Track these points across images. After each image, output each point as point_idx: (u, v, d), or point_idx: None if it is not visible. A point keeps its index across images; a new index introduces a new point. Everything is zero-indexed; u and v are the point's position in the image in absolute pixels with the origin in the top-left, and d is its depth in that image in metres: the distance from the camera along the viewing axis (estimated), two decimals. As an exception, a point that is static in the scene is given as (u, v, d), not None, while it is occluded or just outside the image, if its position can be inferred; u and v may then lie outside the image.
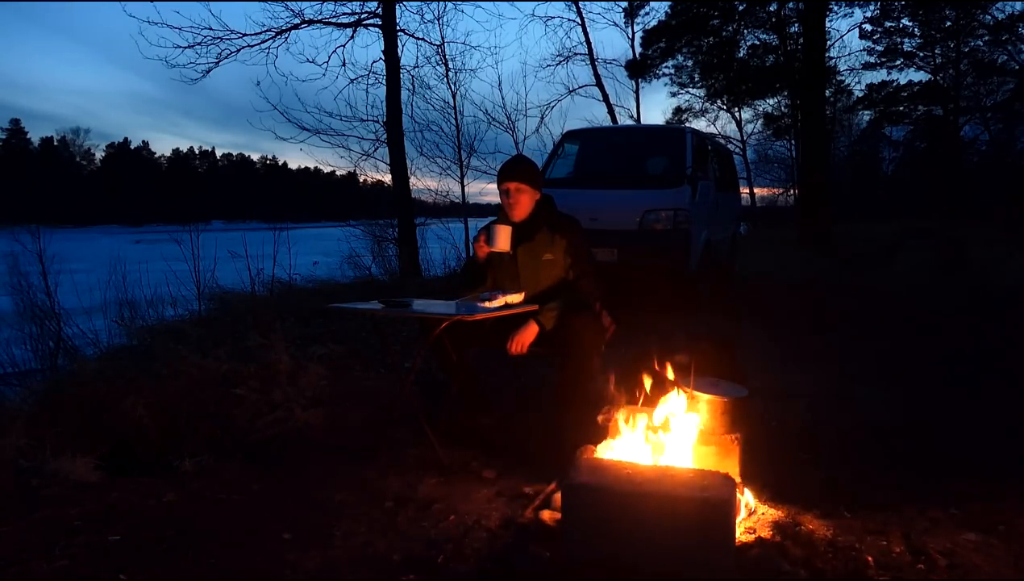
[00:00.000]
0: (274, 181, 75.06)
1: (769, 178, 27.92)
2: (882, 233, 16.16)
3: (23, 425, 2.74)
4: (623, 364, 2.43)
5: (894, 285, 7.97)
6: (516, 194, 2.84)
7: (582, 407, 2.58)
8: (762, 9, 21.23)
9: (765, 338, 4.89)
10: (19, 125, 69.77)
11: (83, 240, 19.43)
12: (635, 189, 5.94)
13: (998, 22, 22.25)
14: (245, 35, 8.48)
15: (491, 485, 2.38)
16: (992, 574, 1.77)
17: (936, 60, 24.97)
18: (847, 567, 1.78)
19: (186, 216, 21.37)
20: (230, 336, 4.38)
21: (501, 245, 2.77)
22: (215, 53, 8.37)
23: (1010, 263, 8.34)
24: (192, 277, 5.95)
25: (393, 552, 1.92)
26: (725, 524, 1.70)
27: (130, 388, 3.00)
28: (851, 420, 3.13)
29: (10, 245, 5.37)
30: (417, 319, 2.96)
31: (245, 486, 2.41)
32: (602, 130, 8.36)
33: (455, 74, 9.58)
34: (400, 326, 4.74)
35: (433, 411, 2.88)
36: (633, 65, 20.65)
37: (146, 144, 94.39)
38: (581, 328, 2.63)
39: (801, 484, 2.31)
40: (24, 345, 4.76)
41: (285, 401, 3.19)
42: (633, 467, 1.90)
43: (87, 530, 2.05)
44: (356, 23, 8.96)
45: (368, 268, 8.46)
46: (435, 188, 9.71)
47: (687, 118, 25.42)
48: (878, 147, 30.28)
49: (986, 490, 2.27)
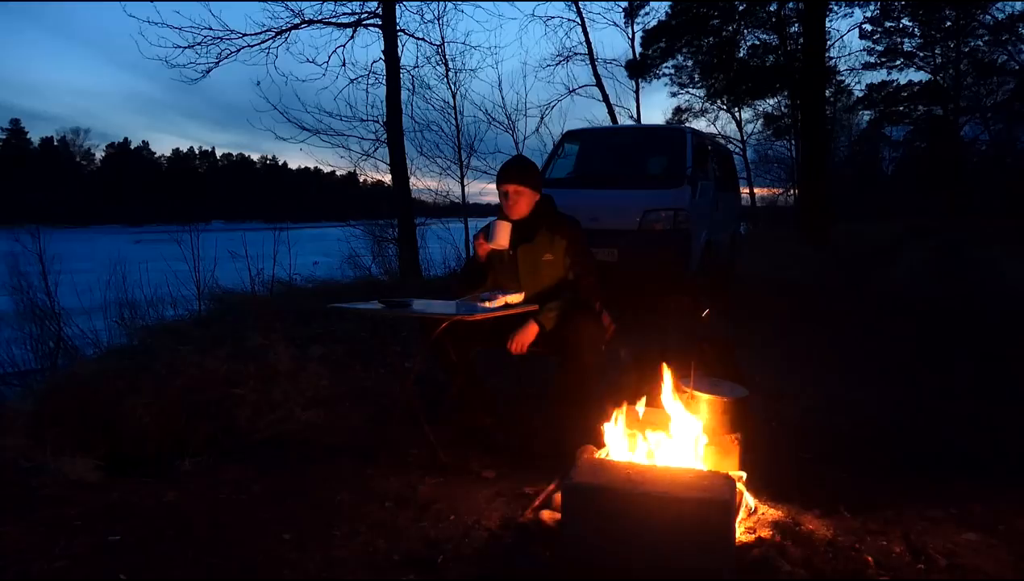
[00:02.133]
0: (274, 181, 75.13)
1: (769, 178, 27.89)
2: (882, 233, 16.15)
3: (23, 425, 2.74)
4: (624, 365, 2.43)
5: (894, 285, 7.97)
6: (515, 196, 2.84)
7: (582, 407, 2.58)
8: (762, 9, 21.20)
9: (765, 338, 4.89)
10: (19, 125, 69.87)
11: (83, 240, 19.43)
12: (635, 189, 5.94)
13: (998, 22, 22.25)
14: (245, 35, 8.47)
15: (491, 485, 2.38)
16: (992, 574, 1.77)
17: (936, 60, 24.96)
18: (847, 567, 1.78)
19: (186, 216, 21.39)
20: (230, 336, 4.38)
21: (500, 241, 2.77)
22: (215, 53, 8.36)
23: (1010, 263, 8.34)
24: (192, 277, 5.95)
25: (393, 552, 1.92)
26: (725, 524, 1.70)
27: (130, 388, 3.00)
28: (851, 420, 3.13)
29: (10, 245, 5.37)
30: (417, 319, 2.96)
31: (245, 486, 2.41)
32: (602, 130, 8.35)
33: (455, 74, 9.58)
34: (400, 326, 4.74)
35: (433, 411, 2.88)
36: (633, 65, 20.63)
37: (146, 144, 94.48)
38: (581, 328, 2.63)
39: (801, 484, 2.31)
40: (24, 345, 4.76)
41: (285, 401, 3.19)
42: (633, 467, 1.90)
43: (87, 530, 2.05)
44: (356, 23, 8.95)
45: (368, 268, 8.46)
46: (435, 188, 9.71)
47: (687, 118, 25.41)
48: (878, 147, 30.27)
49: (986, 490, 2.27)
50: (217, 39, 8.29)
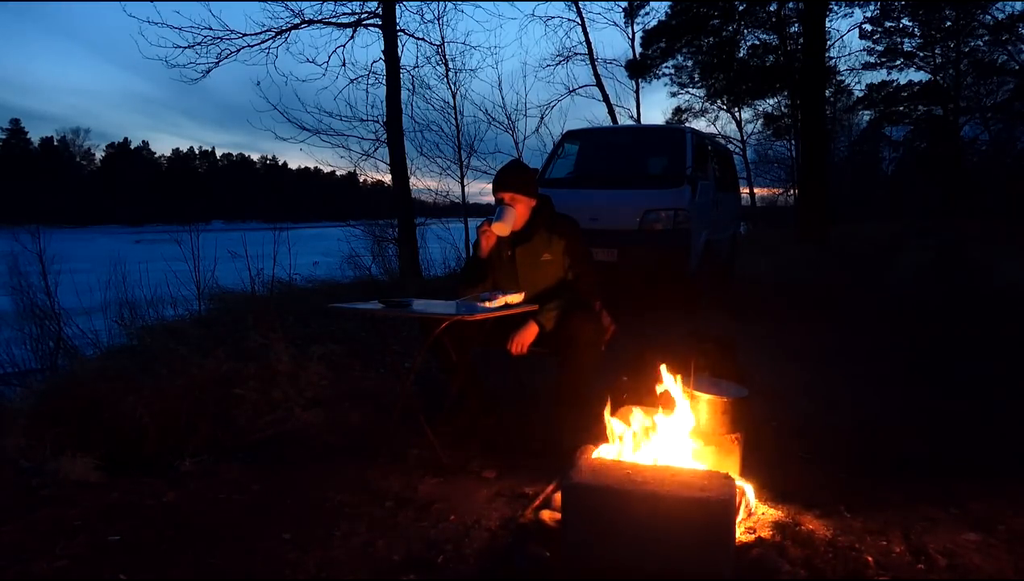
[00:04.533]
0: (274, 181, 75.08)
1: (769, 178, 27.90)
2: (882, 233, 16.14)
3: (23, 425, 2.73)
4: (627, 364, 2.43)
5: (894, 285, 7.96)
6: (510, 204, 2.84)
7: (582, 407, 2.58)
8: (762, 9, 21.22)
9: (765, 338, 4.89)
10: (19, 125, 69.89)
11: (83, 240, 19.44)
12: (635, 189, 5.94)
13: (998, 22, 22.23)
14: (245, 35, 8.47)
15: (491, 485, 2.38)
16: (992, 574, 1.77)
17: (936, 60, 24.96)
18: (847, 567, 1.79)
19: (186, 216, 21.35)
20: (230, 336, 4.38)
21: (506, 224, 2.75)
22: (215, 53, 8.36)
23: (1009, 263, 8.34)
24: (192, 277, 5.94)
25: (393, 552, 1.92)
26: (725, 524, 1.70)
27: (130, 388, 3.00)
28: (851, 420, 3.13)
29: (10, 245, 5.37)
30: (417, 319, 2.96)
31: (245, 486, 2.41)
32: (602, 130, 8.35)
33: (455, 74, 9.59)
34: (400, 326, 4.74)
35: (433, 411, 2.88)
36: (633, 65, 20.64)
37: (146, 144, 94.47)
38: (581, 328, 2.64)
39: (801, 484, 2.31)
40: (24, 345, 4.76)
41: (285, 401, 3.19)
42: (633, 467, 1.90)
43: (87, 530, 2.05)
44: (356, 23, 8.95)
45: (368, 268, 8.46)
46: (435, 188, 9.72)
47: (687, 118, 25.42)
48: (878, 147, 30.25)
49: (986, 490, 2.27)
50: (217, 39, 8.29)
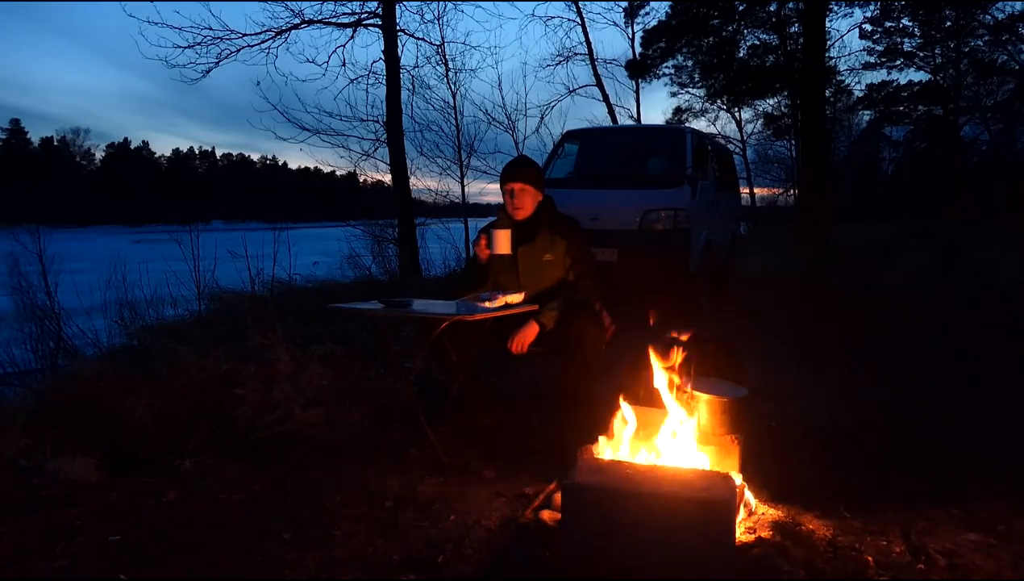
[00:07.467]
0: (274, 181, 75.04)
1: (769, 178, 27.97)
2: (882, 233, 16.15)
3: (23, 425, 2.73)
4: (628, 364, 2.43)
5: (894, 285, 7.96)
6: (520, 194, 2.86)
7: (582, 407, 2.58)
8: (762, 9, 21.23)
9: (765, 338, 4.89)
10: (19, 125, 69.85)
11: (83, 240, 19.44)
12: (635, 189, 5.94)
13: (998, 22, 22.22)
14: (245, 35, 8.49)
15: (491, 485, 2.38)
16: (992, 574, 1.77)
17: (936, 60, 24.92)
18: (847, 567, 1.78)
19: (186, 216, 21.39)
20: (230, 336, 4.38)
21: (501, 249, 2.78)
22: (215, 53, 8.39)
23: (1009, 263, 8.34)
24: (192, 277, 5.95)
25: (393, 552, 1.92)
26: (725, 524, 1.70)
27: (130, 388, 3.00)
28: (851, 420, 3.13)
29: (10, 245, 5.37)
30: (417, 319, 2.96)
31: (245, 486, 2.41)
32: (602, 130, 8.35)
33: (455, 74, 9.61)
34: (400, 326, 4.74)
35: (433, 411, 2.88)
36: (633, 65, 20.65)
37: (146, 144, 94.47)
38: (581, 328, 2.64)
39: (801, 484, 2.31)
40: (24, 345, 4.76)
41: (285, 401, 3.19)
42: (633, 467, 1.90)
43: (87, 530, 2.05)
44: (356, 23, 8.97)
45: (368, 268, 8.47)
46: (435, 188, 9.74)
47: (687, 118, 25.44)
48: (878, 147, 30.27)
49: (986, 490, 2.27)
50: (217, 39, 8.32)
